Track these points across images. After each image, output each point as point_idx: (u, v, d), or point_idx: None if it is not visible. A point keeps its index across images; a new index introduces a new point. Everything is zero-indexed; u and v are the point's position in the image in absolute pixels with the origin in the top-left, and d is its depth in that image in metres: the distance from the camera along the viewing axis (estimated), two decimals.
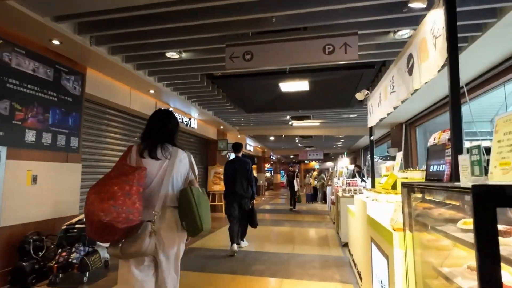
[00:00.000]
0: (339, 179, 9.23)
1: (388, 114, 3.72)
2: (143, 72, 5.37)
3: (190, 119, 8.63)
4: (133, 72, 5.14)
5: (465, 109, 2.07)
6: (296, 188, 11.66)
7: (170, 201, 1.93)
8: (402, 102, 3.76)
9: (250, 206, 5.31)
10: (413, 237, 1.87)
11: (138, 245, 1.71)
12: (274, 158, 25.45)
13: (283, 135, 12.48)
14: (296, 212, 10.74)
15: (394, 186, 3.45)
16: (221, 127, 10.69)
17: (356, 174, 7.53)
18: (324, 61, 3.87)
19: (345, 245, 5.50)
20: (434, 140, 2.30)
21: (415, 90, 2.68)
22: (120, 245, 1.73)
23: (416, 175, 2.79)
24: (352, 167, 7.73)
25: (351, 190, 5.81)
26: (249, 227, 5.52)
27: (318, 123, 10.23)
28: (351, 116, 8.91)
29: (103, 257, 3.95)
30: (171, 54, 4.64)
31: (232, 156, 5.68)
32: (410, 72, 2.67)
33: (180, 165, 2.03)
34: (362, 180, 7.31)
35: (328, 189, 10.68)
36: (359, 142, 15.71)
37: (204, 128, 9.88)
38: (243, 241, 5.54)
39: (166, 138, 2.05)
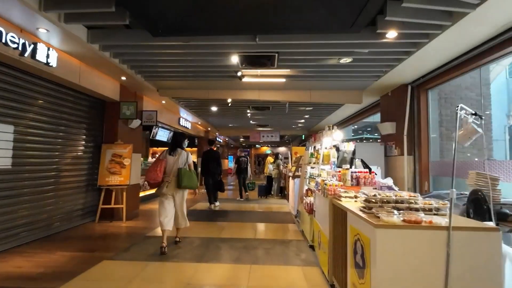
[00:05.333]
0: (313, 167, 5.62)
1: None
2: None
3: (34, 44, 4.21)
4: None
5: None
6: (249, 174, 10.73)
7: (175, 174, 4.41)
8: None
9: (219, 178, 8.25)
10: None
11: (161, 189, 4.37)
12: (221, 141, 21.45)
13: (229, 102, 8.51)
14: (243, 215, 6.98)
15: None
16: (124, 78, 6.33)
17: (361, 163, 3.96)
18: None
19: None
20: None
21: None
22: (156, 189, 4.42)
23: None
24: (352, 146, 4.13)
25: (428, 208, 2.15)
26: None
27: (284, 79, 6.43)
28: (343, 61, 5.24)
29: None
30: None
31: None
32: None
33: (181, 158, 4.47)
34: (370, 172, 3.72)
35: (295, 182, 7.06)
36: (325, 120, 12.41)
37: (86, 75, 5.47)
38: (217, 201, 8.30)
39: (177, 146, 4.58)
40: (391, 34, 4.11)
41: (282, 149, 27.05)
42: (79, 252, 4.27)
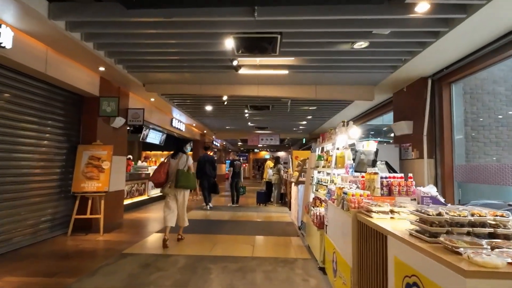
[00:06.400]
0: (321, 171, 4.81)
1: None
2: None
3: None
4: None
5: None
6: (241, 178, 10.46)
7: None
8: None
9: (213, 181, 8.84)
10: None
11: (164, 189, 4.84)
12: (218, 145, 20.60)
13: (225, 100, 7.70)
14: (240, 225, 6.11)
15: None
16: (102, 68, 5.51)
17: (385, 166, 3.16)
18: None
19: None
20: None
21: None
22: (161, 188, 4.92)
23: None
24: (373, 146, 3.31)
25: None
26: None
27: (286, 71, 5.63)
28: (357, 46, 4.44)
29: None
30: None
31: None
32: None
33: (181, 161, 4.89)
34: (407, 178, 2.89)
35: (299, 189, 6.21)
36: (328, 122, 11.61)
37: (56, 63, 4.64)
38: (210, 203, 8.93)
39: (179, 150, 5.02)
40: (422, 7, 3.31)
41: (282, 154, 26.21)
42: (34, 277, 3.41)
